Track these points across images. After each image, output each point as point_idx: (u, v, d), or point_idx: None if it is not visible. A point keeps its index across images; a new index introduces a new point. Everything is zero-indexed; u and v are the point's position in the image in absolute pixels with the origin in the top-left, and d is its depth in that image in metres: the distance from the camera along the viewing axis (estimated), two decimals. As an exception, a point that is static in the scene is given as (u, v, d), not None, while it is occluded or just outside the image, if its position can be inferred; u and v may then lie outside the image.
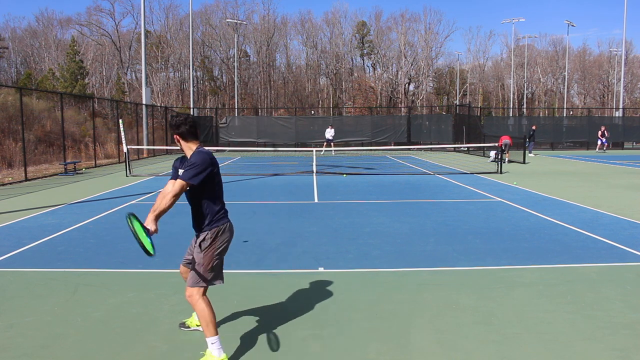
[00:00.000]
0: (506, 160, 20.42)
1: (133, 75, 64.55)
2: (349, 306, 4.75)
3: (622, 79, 46.59)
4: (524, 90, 72.20)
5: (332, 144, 28.75)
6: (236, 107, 54.14)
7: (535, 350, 3.83)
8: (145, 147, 25.81)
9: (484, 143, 24.81)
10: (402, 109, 53.80)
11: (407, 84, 68.05)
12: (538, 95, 75.40)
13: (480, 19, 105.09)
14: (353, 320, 4.42)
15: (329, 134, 29.31)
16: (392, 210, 9.91)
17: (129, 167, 17.17)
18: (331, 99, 69.01)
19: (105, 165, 21.75)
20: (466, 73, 74.58)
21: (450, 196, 11.96)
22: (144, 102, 27.91)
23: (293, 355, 3.79)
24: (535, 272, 5.77)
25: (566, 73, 62.11)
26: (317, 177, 16.13)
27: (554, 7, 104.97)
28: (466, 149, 29.82)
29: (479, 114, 37.59)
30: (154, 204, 3.61)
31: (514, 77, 64.64)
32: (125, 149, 17.52)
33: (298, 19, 75.15)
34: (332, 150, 27.77)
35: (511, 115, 52.07)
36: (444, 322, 4.37)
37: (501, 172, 16.91)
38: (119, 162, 22.59)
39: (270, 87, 68.15)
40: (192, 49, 39.95)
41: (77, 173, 17.78)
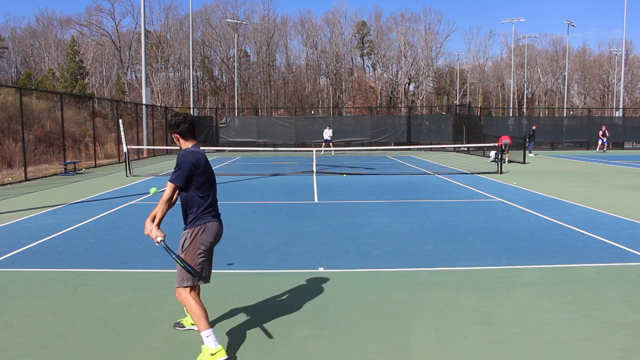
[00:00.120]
0: (506, 160, 20.42)
1: (133, 75, 64.60)
2: (349, 306, 4.75)
3: (622, 79, 46.62)
4: (524, 90, 72.20)
5: (331, 144, 28.78)
6: (236, 107, 54.14)
7: (535, 350, 3.83)
8: (145, 147, 25.82)
9: (484, 143, 24.81)
10: (402, 109, 53.80)
11: (407, 84, 68.06)
12: (538, 95, 75.41)
13: (480, 19, 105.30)
14: (353, 320, 4.42)
15: (326, 134, 29.36)
16: (392, 210, 9.92)
17: (129, 167, 17.17)
18: (331, 99, 69.00)
19: (105, 165, 21.76)
20: (466, 73, 74.58)
21: (450, 196, 11.96)
22: (144, 102, 27.91)
23: (293, 355, 3.79)
24: (535, 272, 5.77)
25: (566, 73, 62.11)
26: (317, 177, 16.13)
27: (554, 7, 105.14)
28: (466, 149, 29.82)
29: (479, 114, 37.59)
30: (154, 210, 3.75)
31: (514, 77, 64.63)
32: (125, 149, 17.53)
33: (298, 19, 75.31)
34: (332, 150, 27.79)
35: (511, 115, 52.07)
36: (444, 322, 4.37)
37: (501, 172, 16.91)
38: (119, 162, 22.60)
39: (270, 87, 68.15)
40: (192, 49, 39.96)
41: (77, 173, 17.79)
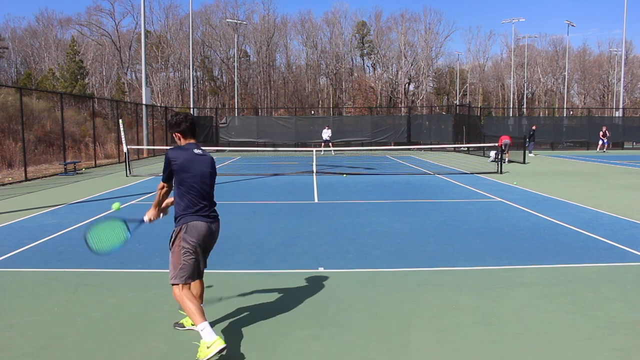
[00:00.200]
0: (506, 160, 20.41)
1: (133, 75, 64.59)
2: (349, 306, 4.75)
3: (622, 79, 46.62)
4: (524, 90, 72.20)
5: (330, 144, 28.78)
6: (236, 107, 54.15)
7: (535, 350, 3.83)
8: (145, 147, 25.83)
9: (484, 143, 24.81)
10: (402, 109, 53.81)
11: (407, 84, 68.06)
12: (538, 95, 75.40)
13: (480, 19, 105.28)
14: (353, 320, 4.42)
15: (325, 134, 29.38)
16: (392, 210, 9.91)
17: (129, 167, 17.17)
18: (331, 99, 69.00)
19: (105, 165, 21.76)
20: (466, 73, 74.57)
21: (450, 196, 11.96)
22: (144, 102, 27.91)
23: (293, 355, 3.79)
24: (535, 272, 5.77)
25: (566, 73, 62.11)
26: (317, 177, 16.13)
27: (554, 7, 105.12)
28: (466, 149, 29.82)
29: (479, 114, 37.60)
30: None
31: (514, 77, 64.63)
32: (125, 149, 17.53)
33: (298, 19, 75.28)
34: (332, 150, 27.80)
35: (511, 115, 52.05)
36: (444, 322, 4.37)
37: (501, 172, 16.91)
38: (119, 162, 22.59)
39: (270, 87, 68.15)
40: (192, 49, 39.96)
41: (77, 173, 17.78)
